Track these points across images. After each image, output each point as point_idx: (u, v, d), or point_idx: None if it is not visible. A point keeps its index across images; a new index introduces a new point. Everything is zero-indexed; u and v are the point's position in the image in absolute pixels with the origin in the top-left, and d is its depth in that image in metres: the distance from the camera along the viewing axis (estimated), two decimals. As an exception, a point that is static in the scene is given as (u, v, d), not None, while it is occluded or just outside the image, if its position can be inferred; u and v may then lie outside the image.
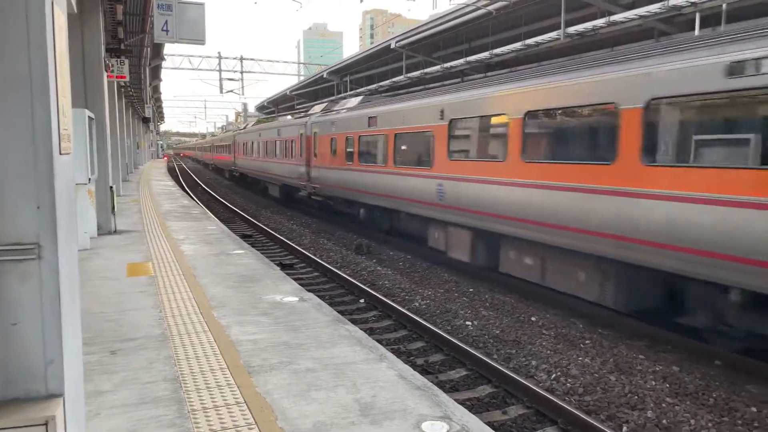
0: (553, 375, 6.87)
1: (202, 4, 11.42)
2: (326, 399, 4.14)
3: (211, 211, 20.45)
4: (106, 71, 12.71)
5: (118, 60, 14.79)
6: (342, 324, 6.06)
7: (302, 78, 44.90)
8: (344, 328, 5.88)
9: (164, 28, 11.08)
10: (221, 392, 4.22)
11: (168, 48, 32.68)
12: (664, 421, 5.72)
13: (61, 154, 2.77)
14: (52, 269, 2.66)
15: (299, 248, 14.42)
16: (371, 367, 4.80)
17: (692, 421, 5.70)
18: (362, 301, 10.11)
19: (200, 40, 11.46)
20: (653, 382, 6.64)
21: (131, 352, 5.07)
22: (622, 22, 14.64)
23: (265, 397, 4.16)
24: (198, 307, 6.50)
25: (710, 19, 13.73)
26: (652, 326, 8.32)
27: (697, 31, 13.11)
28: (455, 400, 5.65)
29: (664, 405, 6.07)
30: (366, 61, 31.29)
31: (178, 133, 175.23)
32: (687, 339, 7.81)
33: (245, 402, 4.06)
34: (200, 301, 6.76)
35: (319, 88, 42.14)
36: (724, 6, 12.68)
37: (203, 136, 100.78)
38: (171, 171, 52.52)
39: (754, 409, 6.01)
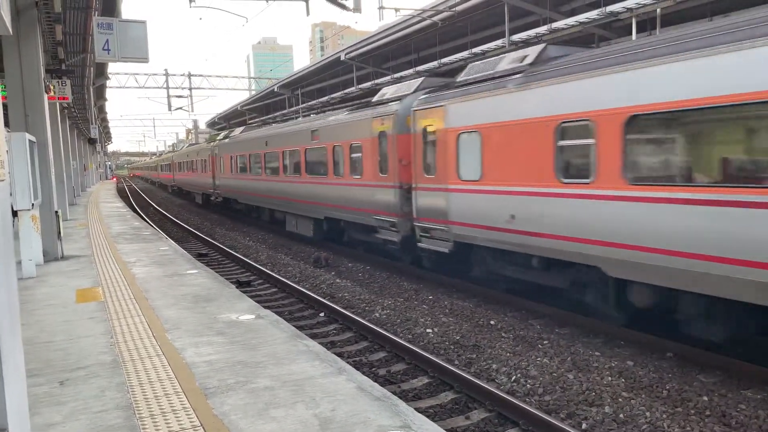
0: (514, 377, 6.95)
1: (143, 22, 11.21)
2: (285, 416, 4.08)
3: (163, 232, 20.03)
4: (47, 93, 12.34)
5: (60, 81, 14.39)
6: (300, 339, 5.99)
7: (253, 92, 44.54)
8: (302, 344, 5.82)
9: (105, 47, 10.83)
10: (177, 417, 4.11)
11: (112, 67, 32.06)
12: (621, 416, 5.85)
13: (-7, 180, 2.67)
14: (-13, 300, 2.55)
15: (256, 264, 14.24)
16: (330, 381, 4.76)
17: (648, 414, 5.85)
18: (322, 314, 10.04)
19: (143, 58, 11.24)
20: (609, 378, 6.79)
21: (81, 381, 4.89)
22: (563, 29, 15.07)
23: (222, 419, 4.07)
24: (151, 331, 6.33)
25: (646, 24, 14.27)
26: (606, 323, 8.51)
27: (634, 36, 13.60)
28: (418, 408, 5.67)
29: (620, 400, 6.21)
30: (317, 74, 31.30)
31: (127, 153, 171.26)
32: (640, 333, 8.03)
33: (202, 425, 3.96)
34: (153, 325, 6.59)
35: (270, 102, 41.89)
36: (658, 11, 13.21)
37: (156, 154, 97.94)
38: (121, 192, 51.22)
39: (705, 398, 6.20)
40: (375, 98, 14.23)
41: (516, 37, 16.40)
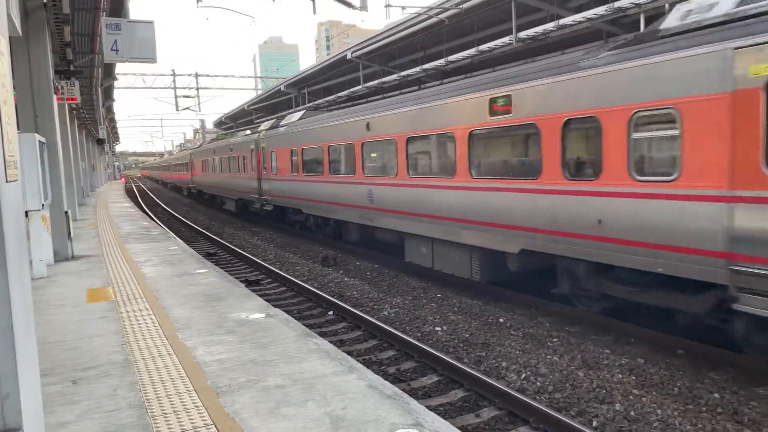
0: (523, 375, 6.94)
1: (151, 22, 11.26)
2: (296, 415, 4.10)
3: (172, 231, 20.11)
4: (56, 94, 12.40)
5: (68, 82, 14.45)
6: (310, 338, 6.01)
7: (260, 92, 44.64)
8: (312, 342, 5.84)
9: (114, 48, 10.88)
10: (189, 415, 4.13)
11: (120, 67, 32.16)
12: (632, 413, 5.84)
13: (7, 181, 2.69)
14: (3, 301, 2.58)
15: (264, 264, 14.28)
16: (341, 379, 4.77)
17: (659, 411, 5.83)
18: (331, 313, 10.06)
19: (151, 59, 11.29)
20: (620, 376, 6.77)
21: (94, 380, 4.93)
22: (571, 25, 15.01)
23: (234, 417, 4.09)
24: (162, 330, 6.36)
25: (654, 20, 14.18)
26: (617, 320, 8.49)
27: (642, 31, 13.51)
28: (428, 406, 5.67)
29: (631, 397, 6.19)
30: (323, 73, 31.31)
31: (134, 154, 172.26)
32: (651, 331, 8.00)
33: (214, 424, 3.98)
34: (164, 324, 6.62)
35: (277, 102, 41.96)
36: (667, 6, 13.11)
37: (163, 154, 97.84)
38: (129, 192, 51.48)
39: (717, 395, 6.18)
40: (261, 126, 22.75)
41: (523, 34, 16.35)
